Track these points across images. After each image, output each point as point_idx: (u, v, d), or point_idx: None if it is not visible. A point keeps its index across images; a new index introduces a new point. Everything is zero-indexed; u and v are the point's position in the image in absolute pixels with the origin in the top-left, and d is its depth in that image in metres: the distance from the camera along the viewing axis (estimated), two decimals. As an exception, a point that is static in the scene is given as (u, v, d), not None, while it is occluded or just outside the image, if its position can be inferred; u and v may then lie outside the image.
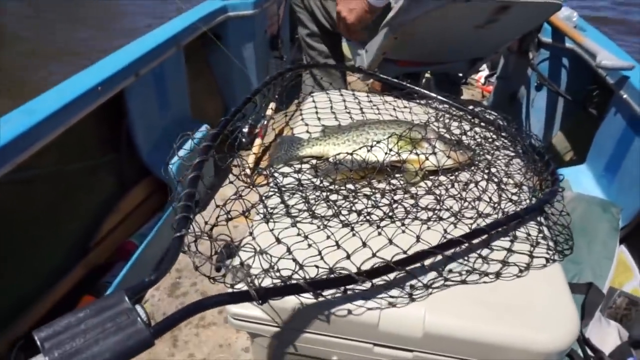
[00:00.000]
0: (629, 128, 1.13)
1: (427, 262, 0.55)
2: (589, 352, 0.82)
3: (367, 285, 0.52)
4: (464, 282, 0.55)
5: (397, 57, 1.26)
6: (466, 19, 1.09)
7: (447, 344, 0.52)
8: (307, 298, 0.51)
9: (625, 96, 1.13)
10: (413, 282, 0.54)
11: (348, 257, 0.54)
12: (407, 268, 0.51)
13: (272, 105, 1.75)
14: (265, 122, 1.70)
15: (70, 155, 1.07)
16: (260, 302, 0.44)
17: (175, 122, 1.36)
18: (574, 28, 1.42)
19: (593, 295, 0.87)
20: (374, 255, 0.54)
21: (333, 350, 0.57)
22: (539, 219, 0.65)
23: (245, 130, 1.71)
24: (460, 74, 1.63)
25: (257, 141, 1.63)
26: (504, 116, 0.87)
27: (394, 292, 0.53)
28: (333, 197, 0.64)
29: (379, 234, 0.58)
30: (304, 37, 1.43)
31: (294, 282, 0.47)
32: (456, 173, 0.72)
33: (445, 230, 0.59)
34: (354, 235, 0.58)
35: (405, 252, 0.55)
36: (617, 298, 1.00)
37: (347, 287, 0.51)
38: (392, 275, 0.53)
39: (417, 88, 0.97)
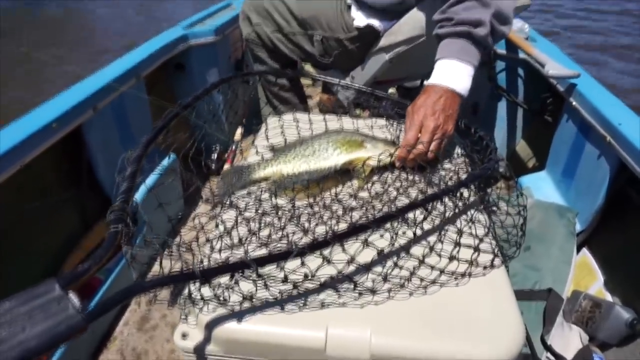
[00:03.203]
0: (580, 134, 1.17)
1: (367, 263, 0.56)
2: (553, 359, 0.83)
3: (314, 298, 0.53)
4: (404, 286, 0.56)
5: (383, 78, 1.31)
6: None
7: (394, 364, 0.52)
8: (251, 320, 0.52)
9: (574, 103, 1.17)
10: (355, 295, 0.55)
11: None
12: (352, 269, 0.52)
13: (240, 130, 1.76)
14: (234, 147, 1.71)
15: (28, 194, 1.06)
16: (203, 280, 0.45)
17: None
18: (525, 39, 1.47)
19: (553, 301, 0.88)
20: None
21: (285, 379, 0.56)
22: (484, 221, 0.66)
23: (214, 156, 1.72)
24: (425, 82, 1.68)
25: (226, 166, 1.64)
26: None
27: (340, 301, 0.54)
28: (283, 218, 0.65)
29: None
30: (263, 74, 1.41)
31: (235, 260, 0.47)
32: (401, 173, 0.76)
33: (395, 234, 0.60)
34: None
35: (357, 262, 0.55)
36: (582, 301, 1.02)
37: (298, 284, 0.53)
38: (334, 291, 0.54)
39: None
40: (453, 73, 0.81)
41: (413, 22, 1.12)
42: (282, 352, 0.53)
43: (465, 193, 0.69)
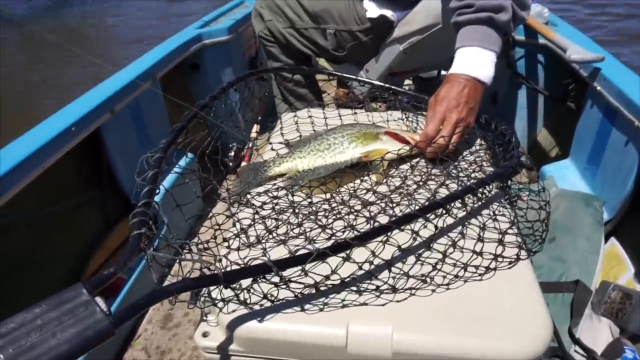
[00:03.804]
0: (605, 120, 1.13)
1: (388, 261, 0.55)
2: (582, 352, 0.80)
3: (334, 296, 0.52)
4: (424, 281, 0.54)
5: (398, 69, 1.29)
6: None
7: (417, 361, 0.51)
8: (271, 319, 0.51)
9: (599, 88, 1.13)
10: (377, 294, 0.54)
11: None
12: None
13: (256, 127, 1.77)
14: (251, 145, 1.71)
15: (50, 196, 1.08)
16: (225, 284, 0.45)
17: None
18: (545, 24, 1.42)
19: (581, 293, 0.86)
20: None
21: (307, 377, 0.56)
22: (507, 214, 0.64)
23: (232, 154, 1.72)
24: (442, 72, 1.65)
25: (244, 164, 1.64)
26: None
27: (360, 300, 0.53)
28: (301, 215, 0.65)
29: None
30: (279, 71, 1.39)
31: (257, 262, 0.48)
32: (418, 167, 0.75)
33: (416, 232, 0.58)
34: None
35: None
36: (612, 292, 0.98)
37: (319, 284, 0.52)
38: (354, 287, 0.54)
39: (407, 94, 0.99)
40: (476, 61, 0.78)
41: (427, 10, 1.10)
42: (302, 350, 0.52)
43: (487, 186, 0.67)
